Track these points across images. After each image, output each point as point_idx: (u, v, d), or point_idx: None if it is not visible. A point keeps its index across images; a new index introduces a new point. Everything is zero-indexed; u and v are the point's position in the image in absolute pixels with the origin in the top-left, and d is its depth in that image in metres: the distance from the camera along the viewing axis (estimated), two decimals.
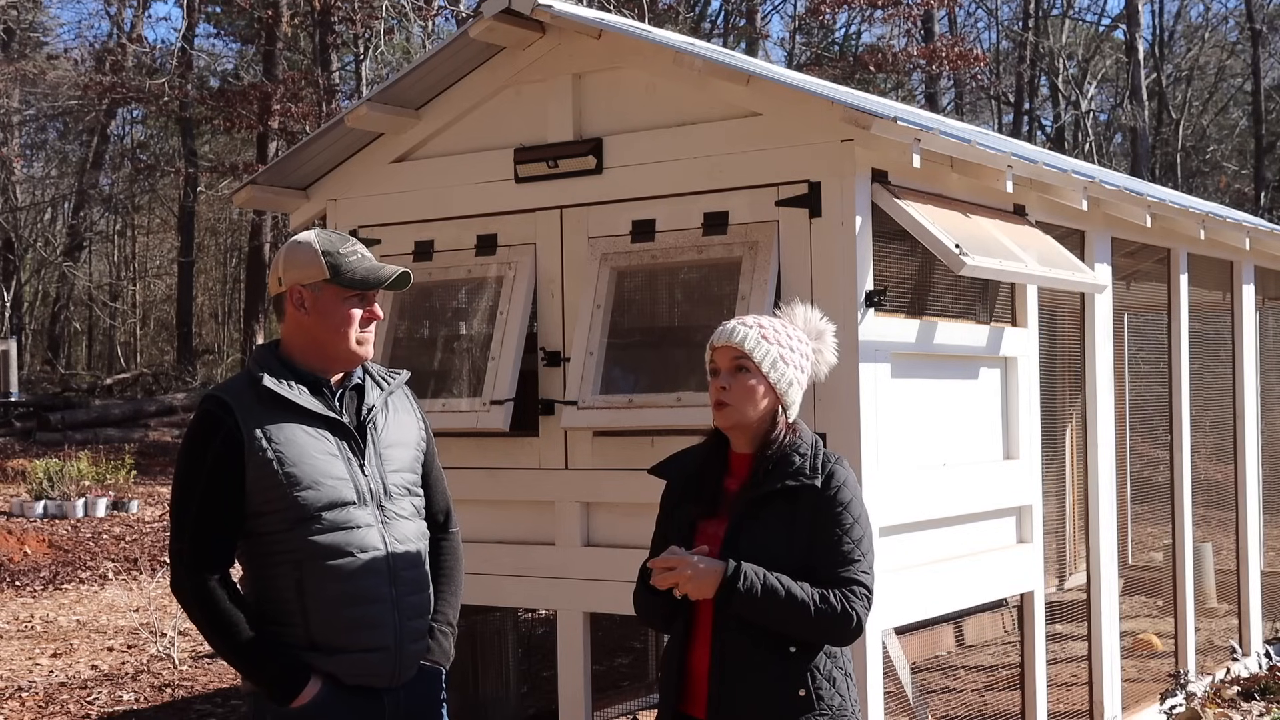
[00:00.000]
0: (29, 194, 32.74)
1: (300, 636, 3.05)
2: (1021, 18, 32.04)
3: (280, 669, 3.02)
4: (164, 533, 14.34)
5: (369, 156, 5.58)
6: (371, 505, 3.10)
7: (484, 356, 5.12)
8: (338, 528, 3.04)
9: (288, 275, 3.13)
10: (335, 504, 3.05)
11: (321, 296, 3.10)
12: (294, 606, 3.05)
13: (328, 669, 3.05)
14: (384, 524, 3.12)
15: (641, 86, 4.97)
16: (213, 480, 3.02)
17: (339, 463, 3.07)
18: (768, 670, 3.01)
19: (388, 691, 3.12)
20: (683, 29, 22.09)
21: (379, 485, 3.13)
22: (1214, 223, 6.74)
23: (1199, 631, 7.09)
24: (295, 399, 3.07)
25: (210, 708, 7.50)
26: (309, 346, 3.13)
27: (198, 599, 3.02)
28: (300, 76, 24.07)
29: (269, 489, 3.01)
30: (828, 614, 2.94)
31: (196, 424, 3.07)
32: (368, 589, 3.06)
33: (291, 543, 3.03)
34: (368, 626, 3.07)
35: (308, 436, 3.06)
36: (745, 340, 3.09)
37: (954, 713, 5.77)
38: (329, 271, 3.09)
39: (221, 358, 32.90)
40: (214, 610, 3.02)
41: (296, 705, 3.02)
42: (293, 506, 3.01)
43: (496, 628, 5.84)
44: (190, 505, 3.04)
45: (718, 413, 3.12)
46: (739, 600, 2.92)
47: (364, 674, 3.08)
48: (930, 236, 4.49)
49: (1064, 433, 6.50)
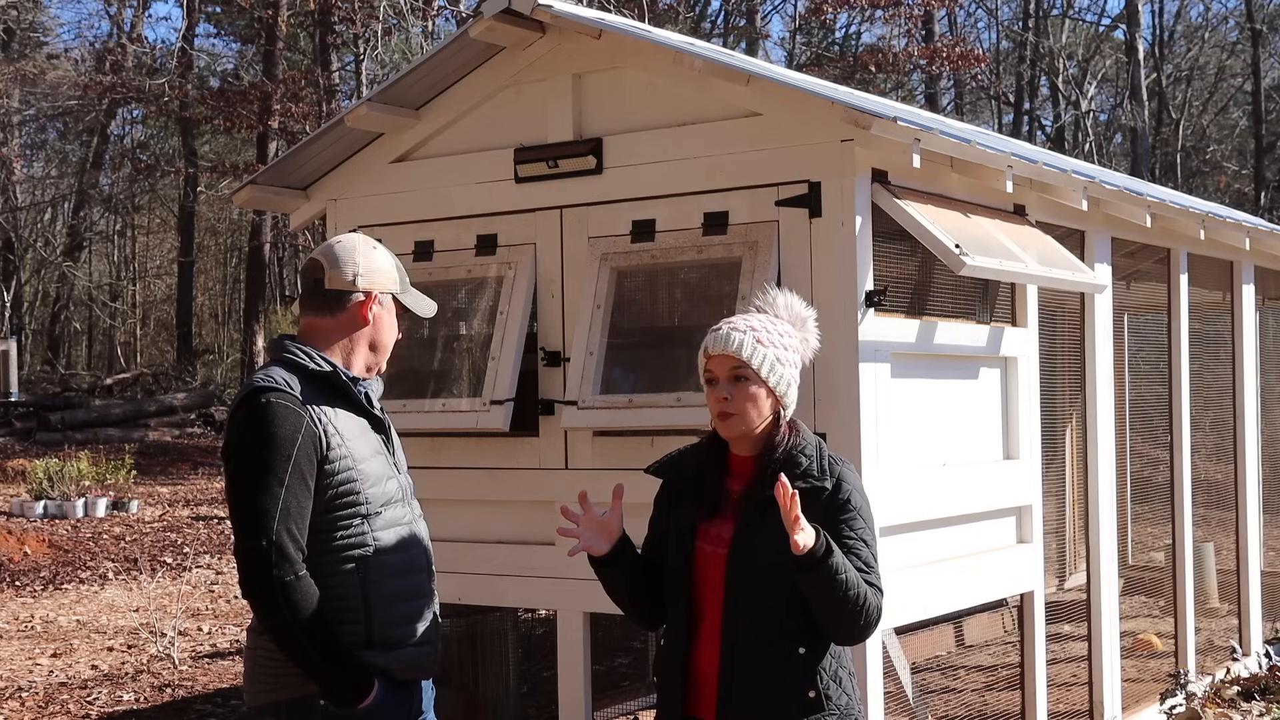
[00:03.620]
0: (29, 194, 32.77)
1: (359, 633, 3.03)
2: (1021, 18, 32.06)
3: (355, 669, 3.00)
4: (164, 533, 14.35)
5: (369, 156, 5.58)
6: (408, 502, 3.19)
7: (484, 356, 5.12)
8: (395, 524, 3.11)
9: (369, 277, 3.15)
10: (391, 500, 3.12)
11: (387, 307, 3.21)
12: (357, 604, 3.02)
13: (385, 665, 3.05)
14: (416, 520, 3.21)
15: (641, 86, 4.97)
16: (298, 471, 2.94)
17: (384, 459, 3.14)
18: (778, 671, 3.02)
19: (417, 683, 3.18)
20: (683, 29, 22.09)
21: (408, 481, 3.23)
22: (1214, 223, 6.74)
23: (1199, 631, 7.09)
24: (355, 395, 3.11)
25: (210, 708, 7.50)
26: (353, 348, 3.16)
27: (287, 597, 2.90)
28: (300, 76, 24.10)
29: (345, 483, 3.01)
30: (869, 611, 2.97)
31: (272, 413, 2.95)
32: (418, 584, 3.15)
33: (359, 539, 3.04)
34: (419, 621, 3.14)
35: (364, 432, 3.11)
36: (742, 348, 3.05)
37: (954, 713, 5.77)
38: (399, 286, 3.22)
39: (221, 358, 32.93)
40: (305, 609, 2.92)
41: (364, 705, 2.99)
42: (365, 502, 3.04)
43: (496, 628, 5.84)
44: (274, 497, 2.92)
45: (722, 424, 3.09)
46: (825, 571, 2.89)
47: (415, 668, 3.13)
48: (930, 236, 4.49)
49: (1064, 433, 6.49)
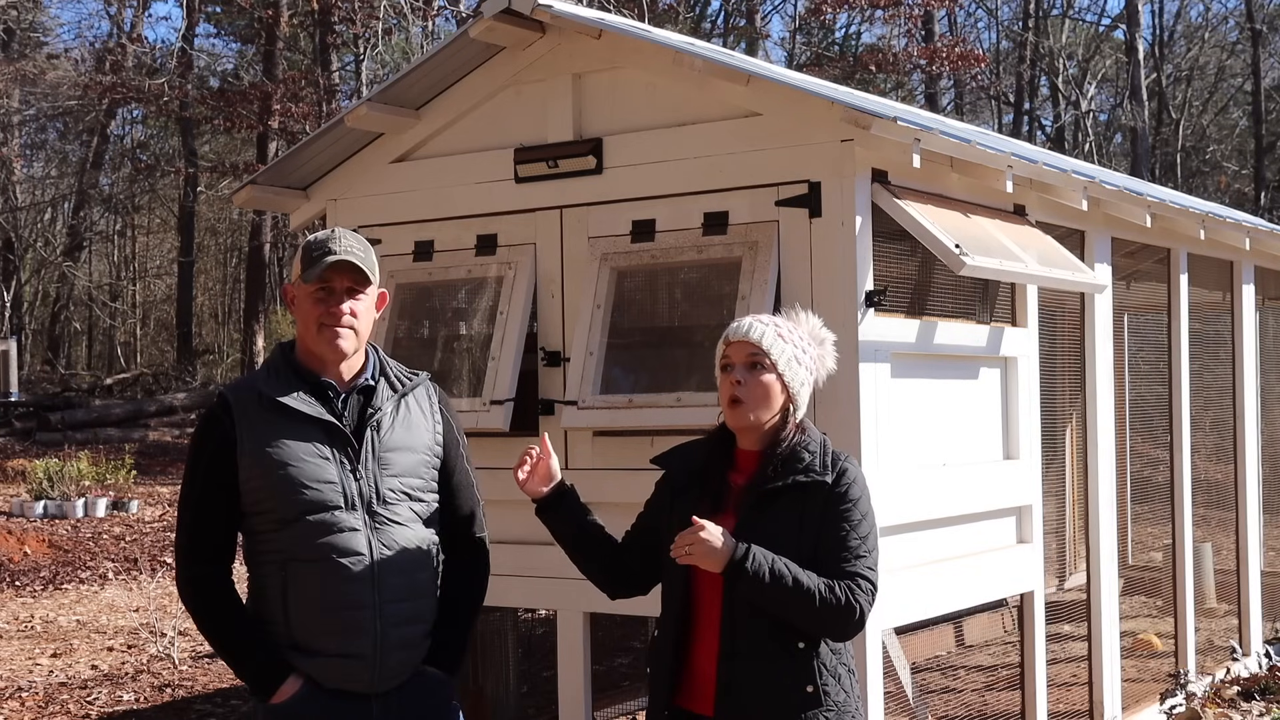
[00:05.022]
0: (29, 194, 32.75)
1: (283, 635, 3.09)
2: (1021, 18, 32.04)
3: (260, 664, 3.07)
4: (164, 532, 14.36)
5: (369, 156, 5.58)
6: (361, 510, 3.08)
7: (484, 356, 5.12)
8: (321, 532, 3.04)
9: (291, 274, 3.20)
10: (320, 507, 3.04)
11: (299, 293, 3.13)
12: (278, 606, 3.08)
13: (307, 670, 3.07)
14: (373, 529, 3.08)
15: (641, 86, 4.97)
16: (208, 477, 3.09)
17: (330, 466, 3.06)
18: (776, 667, 3.02)
19: (378, 696, 3.11)
20: (683, 29, 22.09)
21: (371, 490, 3.09)
22: (1214, 223, 6.74)
23: (1199, 631, 7.09)
24: (290, 402, 3.08)
25: (210, 708, 7.50)
26: (300, 345, 3.18)
27: (189, 589, 3.10)
28: (300, 76, 24.09)
29: (257, 489, 3.06)
30: (832, 604, 2.95)
31: (200, 422, 3.18)
32: (348, 594, 3.05)
33: (277, 543, 3.07)
34: (346, 632, 3.06)
35: (300, 439, 3.06)
36: (763, 337, 3.08)
37: (954, 713, 5.77)
38: (302, 268, 3.12)
39: (221, 358, 32.91)
40: (202, 601, 3.10)
41: (276, 701, 3.06)
42: (279, 508, 3.04)
43: (496, 628, 5.84)
44: (189, 500, 3.12)
45: (732, 410, 3.10)
46: (745, 582, 2.93)
47: (340, 679, 3.08)
48: (930, 236, 4.49)
49: (1064, 433, 6.49)
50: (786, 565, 2.95)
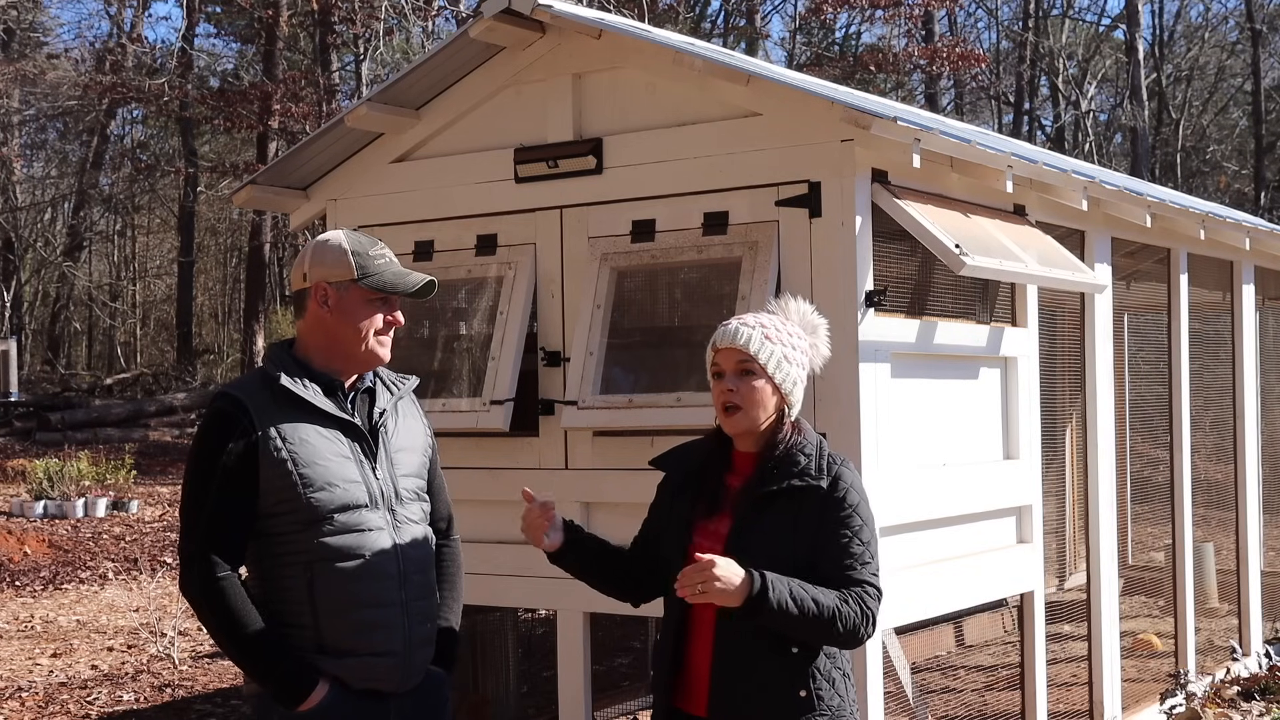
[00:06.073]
0: (29, 194, 32.76)
1: (309, 639, 3.03)
2: (1021, 18, 32.04)
3: (289, 671, 3.00)
4: (164, 532, 14.33)
5: (369, 156, 5.58)
6: (383, 509, 3.10)
7: (484, 356, 5.12)
8: (350, 530, 3.03)
9: (314, 271, 3.12)
10: (348, 506, 3.04)
11: (346, 296, 3.10)
12: (304, 608, 3.03)
13: (336, 672, 3.03)
14: (395, 528, 3.11)
15: (641, 86, 4.97)
16: (227, 479, 2.99)
17: (352, 465, 3.06)
18: (770, 670, 3.01)
19: (394, 697, 3.10)
20: (683, 29, 22.09)
21: (390, 489, 3.12)
22: (1214, 223, 6.74)
23: (1199, 631, 7.09)
24: (310, 399, 3.05)
25: (210, 708, 7.50)
26: (327, 345, 3.12)
27: (207, 598, 2.98)
28: (300, 76, 24.10)
29: (283, 490, 3.00)
30: (848, 618, 2.94)
31: (210, 422, 3.04)
32: (379, 592, 3.05)
33: (303, 544, 3.02)
34: (378, 630, 3.05)
35: (321, 437, 3.05)
36: (750, 342, 3.07)
37: (954, 713, 5.77)
38: (356, 272, 3.09)
39: (221, 358, 32.91)
40: (224, 610, 2.98)
41: (304, 709, 3.00)
42: (306, 508, 3.00)
43: (496, 628, 5.84)
44: (204, 504, 3.00)
45: (726, 419, 3.09)
46: (767, 615, 2.88)
47: (372, 678, 3.06)
48: (930, 236, 4.49)
49: (1064, 433, 6.50)
50: (802, 587, 2.91)
